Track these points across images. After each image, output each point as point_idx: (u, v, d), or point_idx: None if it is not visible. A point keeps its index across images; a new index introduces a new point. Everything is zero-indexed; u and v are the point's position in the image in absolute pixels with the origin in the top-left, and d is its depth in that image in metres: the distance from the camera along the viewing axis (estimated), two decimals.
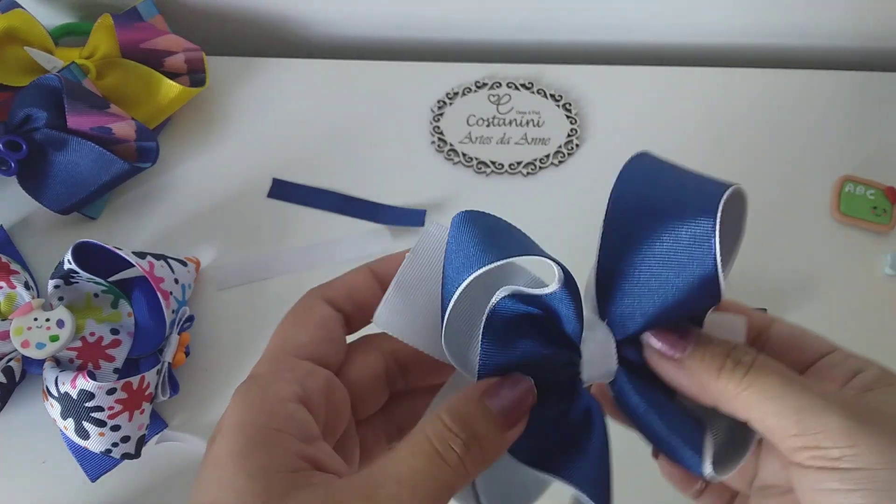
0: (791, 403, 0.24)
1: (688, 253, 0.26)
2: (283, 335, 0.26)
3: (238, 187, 0.52)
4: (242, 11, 0.59)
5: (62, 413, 0.40)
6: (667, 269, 0.26)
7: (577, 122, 0.54)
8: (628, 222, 0.28)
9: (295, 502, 0.21)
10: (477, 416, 0.24)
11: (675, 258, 0.26)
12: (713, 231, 0.25)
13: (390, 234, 0.49)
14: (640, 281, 0.27)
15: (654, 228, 0.27)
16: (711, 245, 0.25)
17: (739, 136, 0.54)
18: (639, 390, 0.27)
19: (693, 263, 0.26)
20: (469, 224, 0.26)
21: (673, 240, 0.26)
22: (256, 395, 0.24)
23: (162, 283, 0.43)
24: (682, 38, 0.60)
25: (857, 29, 0.58)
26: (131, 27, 0.52)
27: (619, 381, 0.27)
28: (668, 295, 0.26)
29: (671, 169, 0.29)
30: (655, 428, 0.27)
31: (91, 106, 0.47)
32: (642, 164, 0.30)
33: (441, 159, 0.53)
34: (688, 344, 0.26)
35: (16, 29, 0.49)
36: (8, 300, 0.45)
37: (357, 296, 0.27)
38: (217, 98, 0.55)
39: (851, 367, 0.27)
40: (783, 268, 0.49)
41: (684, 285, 0.26)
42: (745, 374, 0.25)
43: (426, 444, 0.23)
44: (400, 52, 0.62)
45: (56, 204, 0.48)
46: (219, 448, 0.23)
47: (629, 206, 0.28)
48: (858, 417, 0.23)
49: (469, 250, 0.25)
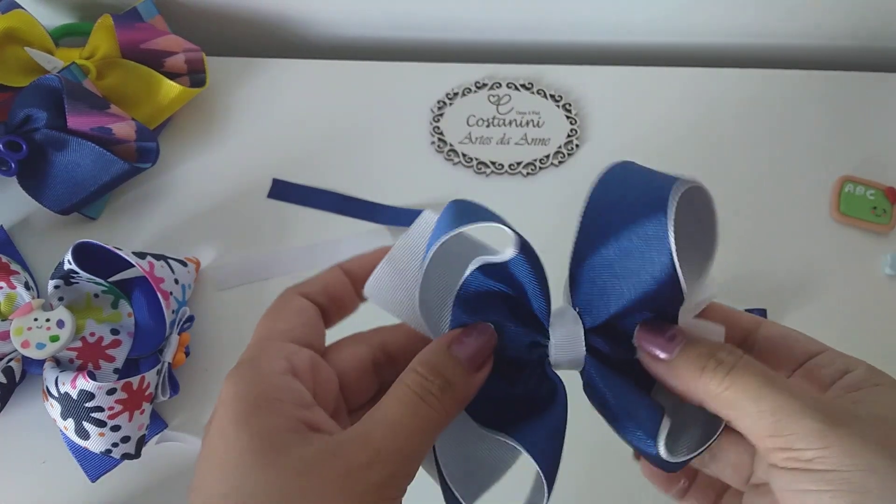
0: (768, 405, 0.25)
1: (648, 248, 0.27)
2: (264, 326, 0.28)
3: (238, 187, 0.52)
4: (242, 12, 0.59)
5: (62, 413, 0.40)
6: (632, 263, 0.28)
7: (577, 122, 0.54)
8: (601, 218, 0.29)
9: (297, 452, 0.23)
10: (446, 363, 0.26)
11: (638, 253, 0.27)
12: (667, 227, 0.26)
13: (390, 234, 0.50)
14: (607, 273, 0.29)
15: (622, 224, 0.28)
16: (667, 241, 0.26)
17: (739, 136, 0.54)
18: (604, 378, 0.28)
19: (654, 258, 0.27)
20: (454, 206, 0.29)
21: (637, 236, 0.27)
22: (249, 372, 0.26)
23: (162, 283, 0.43)
24: (682, 38, 0.60)
25: (857, 29, 0.58)
26: (131, 27, 0.52)
27: (588, 369, 0.29)
28: (633, 288, 0.28)
29: (648, 172, 0.30)
30: (618, 414, 0.28)
31: (91, 106, 0.47)
32: (623, 168, 0.31)
33: (441, 159, 0.53)
34: (676, 346, 0.27)
35: (16, 29, 0.49)
36: (8, 300, 0.45)
37: (330, 290, 0.29)
38: (217, 98, 0.56)
39: (839, 367, 0.28)
40: (783, 268, 0.49)
41: (648, 279, 0.27)
42: (726, 374, 0.26)
43: (408, 392, 0.25)
44: (400, 52, 0.63)
45: (56, 204, 0.48)
46: (219, 420, 0.24)
47: (604, 203, 0.30)
48: (833, 420, 0.24)
49: (445, 224, 0.28)
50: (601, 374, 0.29)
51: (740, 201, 0.51)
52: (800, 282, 0.49)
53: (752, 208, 0.51)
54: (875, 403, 0.26)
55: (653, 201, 0.27)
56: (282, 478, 0.23)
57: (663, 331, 0.28)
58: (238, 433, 0.24)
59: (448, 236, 0.27)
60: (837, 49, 0.60)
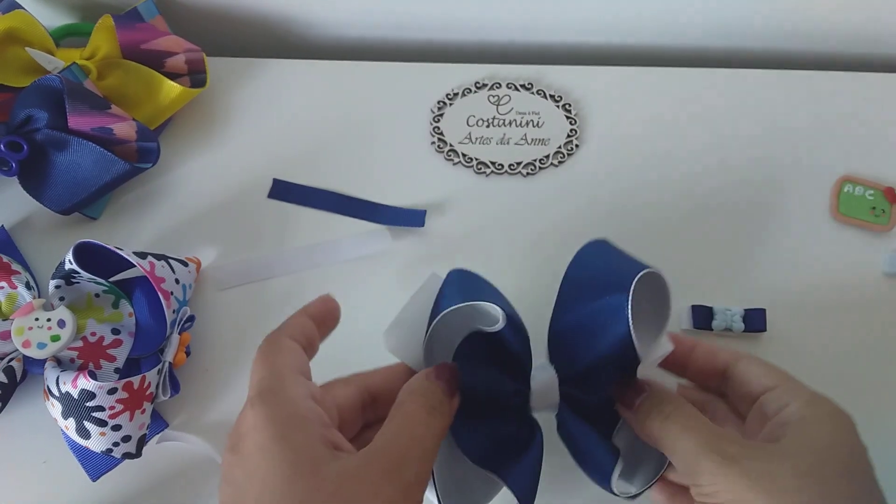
0: (683, 445, 0.31)
1: (612, 320, 0.34)
2: (266, 363, 0.30)
3: (239, 188, 0.52)
4: (243, 13, 0.59)
5: (63, 413, 0.40)
6: (598, 330, 0.34)
7: (577, 122, 0.54)
8: (576, 291, 0.37)
9: (333, 464, 0.26)
10: (428, 388, 0.31)
11: (602, 322, 0.34)
12: (626, 304, 0.33)
13: (390, 234, 0.50)
14: (579, 336, 0.36)
15: (591, 297, 0.35)
16: (626, 316, 0.33)
17: (738, 136, 0.54)
18: (573, 421, 0.35)
19: (616, 329, 0.33)
20: (456, 276, 0.36)
21: (603, 308, 0.34)
22: (275, 397, 0.28)
23: (163, 283, 0.43)
24: (682, 39, 0.60)
25: (856, 29, 0.58)
26: (132, 28, 0.52)
27: (561, 413, 0.36)
28: (599, 349, 0.34)
29: (617, 255, 0.37)
30: (585, 452, 0.35)
31: (92, 106, 0.47)
32: (597, 247, 0.38)
33: (441, 160, 0.53)
34: (637, 397, 0.34)
35: (17, 30, 0.49)
36: (9, 300, 0.45)
37: (305, 331, 0.32)
38: (218, 99, 0.56)
39: (781, 402, 0.32)
40: (783, 268, 0.49)
41: (611, 343, 0.34)
42: (663, 421, 0.32)
43: (415, 408, 0.30)
44: (400, 53, 0.63)
45: (57, 204, 0.49)
46: (254, 441, 0.27)
47: (578, 278, 0.38)
48: (727, 459, 0.29)
49: (449, 293, 0.35)
50: (571, 417, 0.35)
51: (740, 201, 0.51)
52: (799, 282, 0.49)
53: (752, 208, 0.52)
54: (794, 436, 0.30)
55: (618, 282, 0.34)
56: (328, 484, 0.25)
57: (630, 387, 0.34)
58: (281, 449, 0.26)
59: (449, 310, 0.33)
60: (838, 49, 0.60)
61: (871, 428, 0.45)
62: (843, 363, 0.46)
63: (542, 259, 0.46)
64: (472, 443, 0.34)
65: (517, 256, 0.49)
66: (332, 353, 0.47)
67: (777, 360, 0.46)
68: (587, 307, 0.35)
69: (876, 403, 0.45)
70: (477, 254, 0.50)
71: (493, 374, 0.35)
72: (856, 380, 0.46)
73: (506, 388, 0.35)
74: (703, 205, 0.51)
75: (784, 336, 0.47)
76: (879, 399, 0.45)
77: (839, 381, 0.46)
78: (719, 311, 0.46)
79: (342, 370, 0.46)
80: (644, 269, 0.33)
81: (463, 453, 0.34)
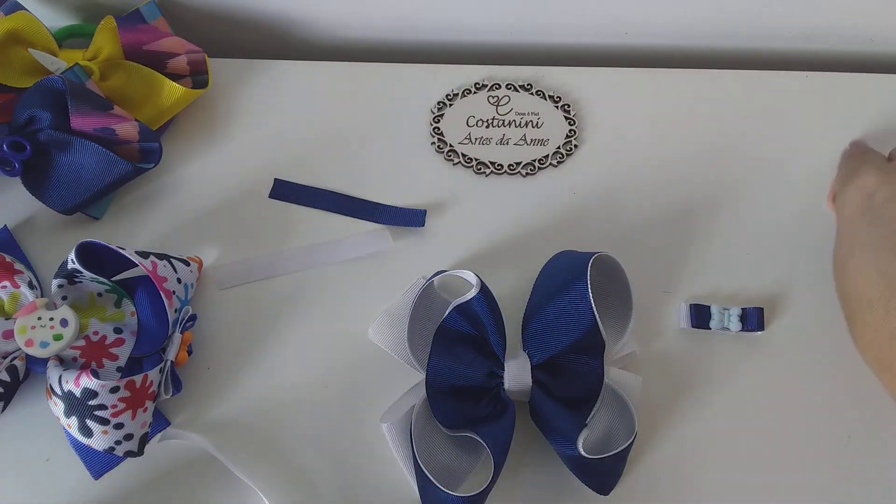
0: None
1: (577, 306, 0.39)
2: None
3: (240, 188, 0.53)
4: (245, 14, 0.59)
5: (65, 411, 0.41)
6: (566, 318, 0.39)
7: (576, 123, 0.55)
8: (544, 287, 0.42)
9: None
10: None
11: (570, 310, 0.39)
12: (587, 285, 0.38)
13: (390, 234, 0.50)
14: (548, 325, 0.40)
15: (558, 289, 0.40)
16: (588, 300, 0.38)
17: (738, 137, 0.54)
18: (545, 402, 0.39)
19: (581, 314, 0.39)
20: None
21: (569, 297, 0.39)
22: None
23: (165, 282, 0.43)
24: (682, 40, 0.60)
25: (857, 30, 0.58)
26: (134, 29, 0.52)
27: (534, 397, 0.39)
28: (567, 336, 0.39)
29: (579, 254, 0.42)
30: (554, 427, 0.39)
31: (94, 107, 0.47)
32: (563, 254, 0.44)
33: (441, 160, 0.54)
34: None
35: (20, 31, 0.50)
36: (12, 299, 0.45)
37: None
38: (219, 99, 0.56)
39: None
40: (782, 268, 0.50)
41: (579, 328, 0.39)
42: None
43: None
44: (400, 54, 0.63)
45: (60, 204, 0.49)
46: None
47: (546, 276, 0.43)
48: None
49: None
50: (543, 400, 0.39)
51: (739, 201, 0.52)
52: (799, 281, 0.49)
53: (751, 208, 0.52)
54: None
55: (577, 268, 0.39)
56: None
57: None
58: None
59: (427, 282, 0.39)
60: (838, 50, 0.60)
61: (871, 428, 0.45)
62: (841, 363, 0.47)
63: (541, 259, 0.46)
64: (450, 419, 0.39)
65: (517, 256, 0.49)
66: (333, 353, 0.47)
67: (775, 359, 0.47)
68: (555, 298, 0.40)
69: (875, 404, 0.45)
70: (477, 254, 0.50)
71: (470, 357, 0.39)
72: (855, 380, 0.46)
73: (481, 369, 0.39)
74: (701, 205, 0.52)
75: (782, 336, 0.47)
76: (879, 399, 0.45)
77: (838, 382, 0.46)
78: (716, 311, 0.47)
79: (342, 370, 0.46)
80: (596, 253, 0.39)
81: (441, 425, 0.39)
